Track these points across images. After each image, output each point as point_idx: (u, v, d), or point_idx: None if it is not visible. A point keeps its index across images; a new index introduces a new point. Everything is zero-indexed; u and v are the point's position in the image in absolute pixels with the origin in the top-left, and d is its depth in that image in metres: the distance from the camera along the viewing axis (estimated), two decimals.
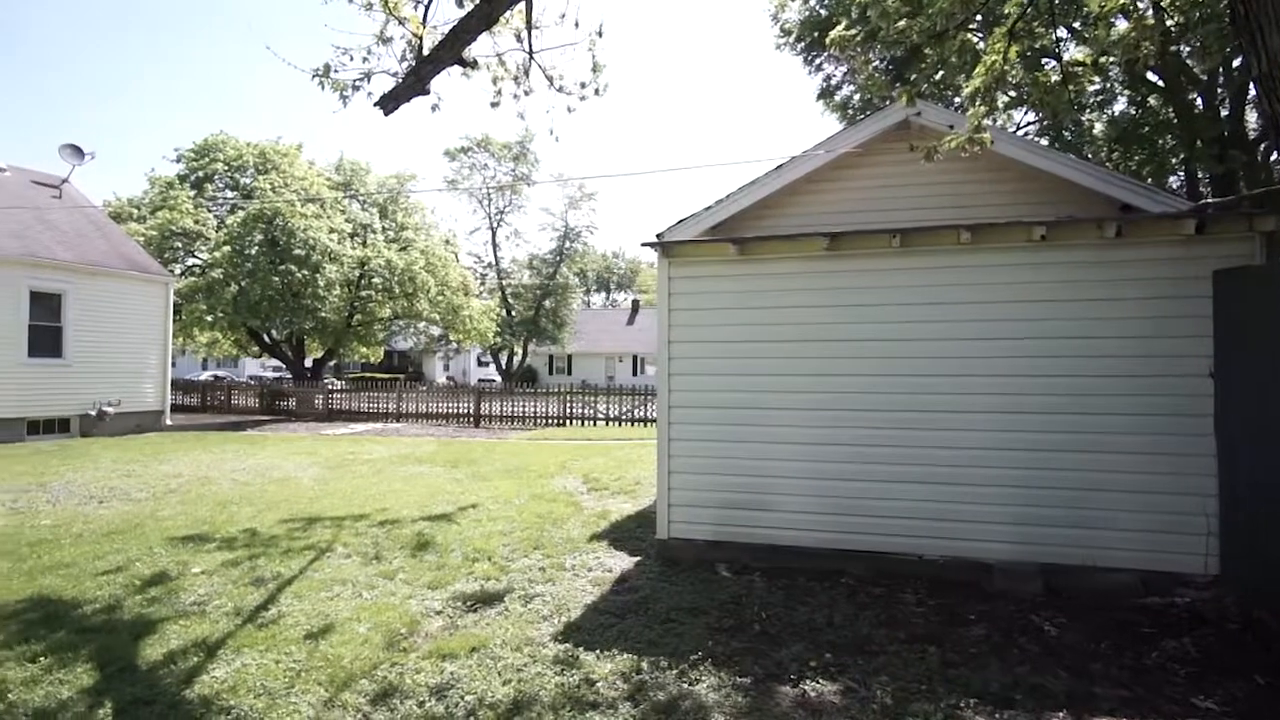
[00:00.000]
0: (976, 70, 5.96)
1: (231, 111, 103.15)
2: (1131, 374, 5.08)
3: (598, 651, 4.10)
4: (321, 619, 4.57)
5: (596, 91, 8.30)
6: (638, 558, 5.98)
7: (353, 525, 7.12)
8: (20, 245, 15.09)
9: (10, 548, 6.23)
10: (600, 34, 7.95)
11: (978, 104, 5.89)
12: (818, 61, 15.87)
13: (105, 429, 15.95)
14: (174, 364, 18.69)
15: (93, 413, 15.85)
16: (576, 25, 7.77)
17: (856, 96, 15.55)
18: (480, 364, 52.68)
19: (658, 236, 6.68)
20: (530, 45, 7.78)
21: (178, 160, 27.54)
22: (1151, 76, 13.65)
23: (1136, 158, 14.74)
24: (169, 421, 17.96)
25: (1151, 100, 14.77)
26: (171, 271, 20.62)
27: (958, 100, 12.94)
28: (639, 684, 3.73)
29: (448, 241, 32.91)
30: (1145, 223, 5.20)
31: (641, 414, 19.13)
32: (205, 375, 39.99)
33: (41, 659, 3.93)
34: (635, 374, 49.00)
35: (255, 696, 3.54)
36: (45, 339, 15.18)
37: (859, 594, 5.10)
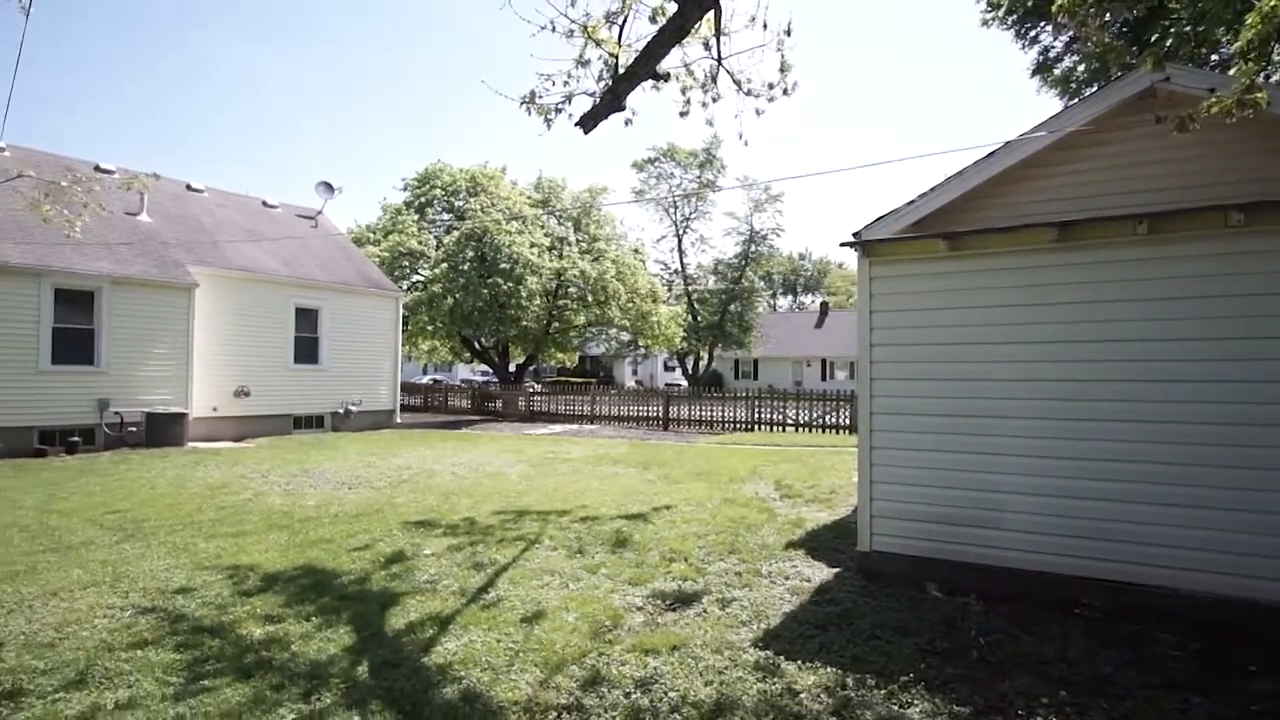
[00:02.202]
0: (1249, 20, 5.04)
1: (446, 139, 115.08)
2: None
3: (799, 662, 4.00)
4: (534, 605, 4.90)
5: (785, 91, 8.15)
6: (837, 569, 5.77)
7: (557, 520, 7.58)
8: (289, 269, 17.89)
9: (286, 523, 7.37)
10: (789, 32, 7.80)
11: (1248, 61, 5.00)
12: (1032, 34, 14.36)
13: (349, 425, 18.41)
14: (400, 369, 21.11)
15: (341, 411, 18.36)
16: (765, 27, 7.68)
17: (1080, 68, 13.85)
18: (667, 368, 53.90)
19: (854, 235, 6.41)
20: (719, 52, 7.83)
21: (404, 189, 31.20)
22: None
23: None
24: (398, 420, 20.32)
25: None
26: (400, 287, 23.32)
27: (1214, 59, 11.11)
28: (844, 700, 3.58)
29: (636, 250, 34.10)
30: None
31: (833, 420, 18.47)
32: (426, 379, 44.72)
33: (313, 619, 4.60)
34: (825, 378, 47.48)
35: (481, 670, 3.88)
36: (306, 348, 17.87)
37: (1098, 628, 4.52)
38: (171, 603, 4.88)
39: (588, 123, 7.44)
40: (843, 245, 6.03)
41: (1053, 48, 14.58)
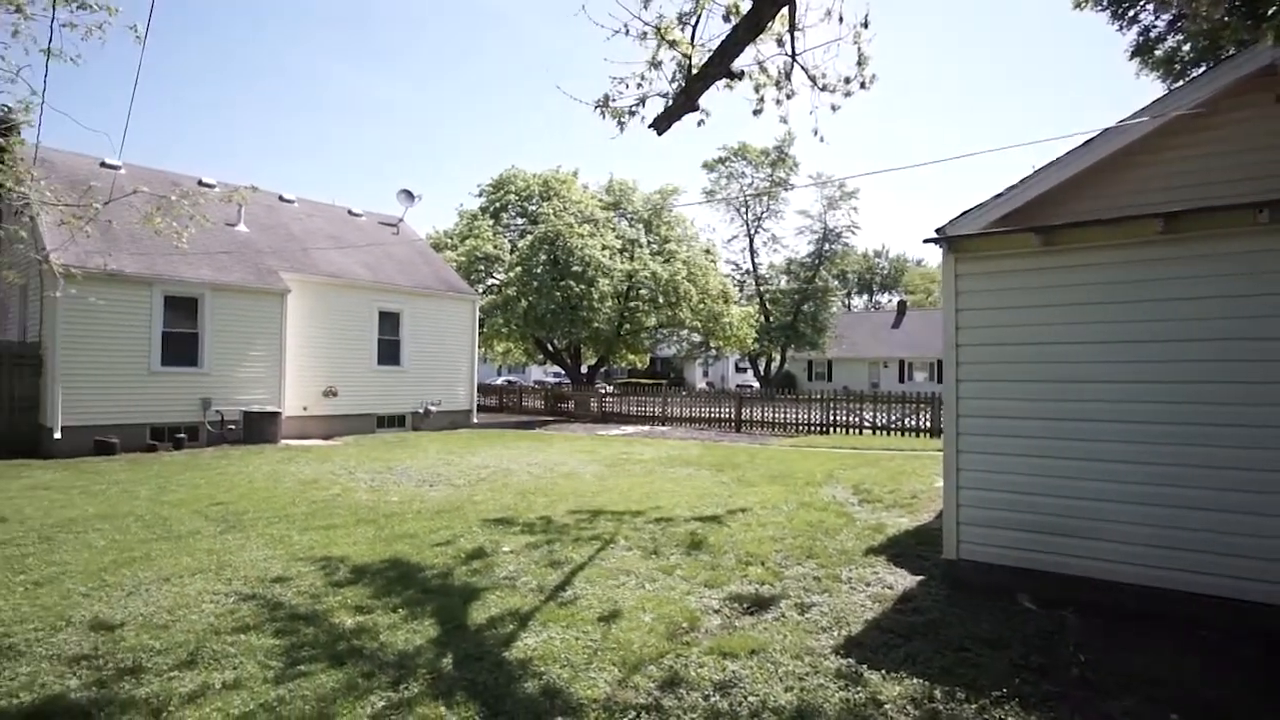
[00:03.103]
0: None
1: (518, 144, 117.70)
2: None
3: (883, 671, 3.88)
4: (610, 604, 4.93)
5: (862, 85, 7.96)
6: (920, 577, 5.57)
7: (631, 520, 7.61)
8: (372, 275, 18.64)
9: (372, 518, 7.67)
10: (865, 24, 7.61)
11: None
12: (1131, 13, 13.51)
13: (429, 424, 19.02)
14: (477, 370, 21.65)
15: (421, 410, 19.00)
16: (840, 20, 7.52)
17: (1186, 47, 12.94)
18: (738, 370, 53.45)
19: (938, 231, 6.19)
20: (793, 47, 7.70)
21: (479, 195, 32.04)
22: None
23: None
24: (475, 420, 20.86)
25: None
26: (476, 291, 23.95)
27: None
28: (932, 713, 3.45)
29: (707, 251, 33.95)
30: None
31: (913, 423, 17.88)
32: (500, 380, 45.81)
33: (400, 610, 4.77)
34: (902, 380, 46.06)
35: (560, 667, 3.92)
36: (388, 350, 18.57)
37: (1213, 648, 4.20)
38: (270, 591, 5.15)
39: (661, 124, 7.45)
40: (926, 242, 5.82)
41: (1154, 27, 13.69)
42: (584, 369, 31.71)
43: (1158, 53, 13.75)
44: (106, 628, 4.40)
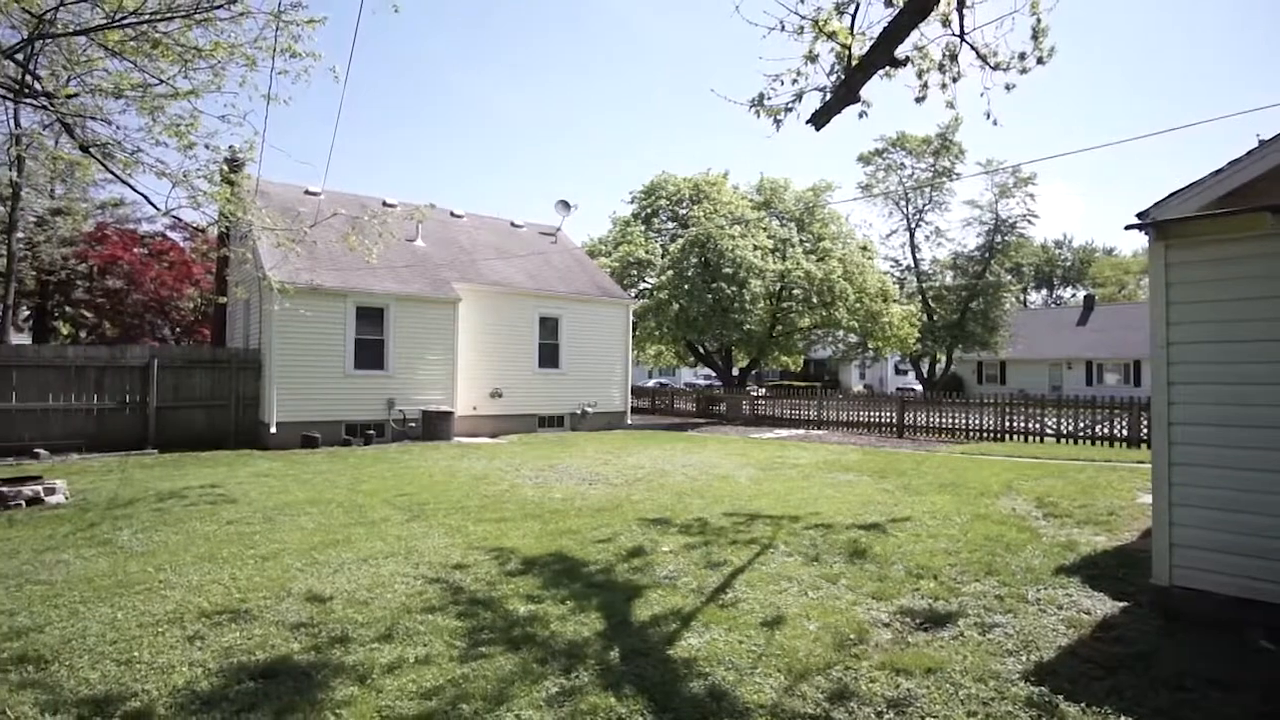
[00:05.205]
0: None
1: (670, 149, 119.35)
2: None
3: (1083, 705, 3.50)
4: (773, 609, 4.84)
5: (1040, 60, 7.34)
6: (1123, 603, 4.98)
7: (789, 525, 7.44)
8: (533, 282, 19.67)
9: (538, 513, 8.07)
10: None
11: None
12: None
13: (585, 425, 19.73)
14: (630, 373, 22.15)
15: (578, 411, 19.76)
16: None
17: None
18: (898, 372, 50.77)
19: (1141, 216, 5.53)
20: (960, 26, 7.22)
21: (631, 201, 32.80)
22: None
23: None
24: (629, 421, 21.37)
25: None
26: (629, 295, 24.53)
27: None
28: None
29: (864, 248, 32.51)
30: None
31: (1105, 430, 16.08)
32: (651, 383, 46.64)
33: (567, 602, 4.97)
34: (1090, 383, 41.59)
35: (725, 669, 3.91)
36: (548, 354, 19.50)
37: None
38: (451, 576, 5.57)
39: (819, 119, 7.25)
40: (1128, 228, 5.21)
41: None
42: (735, 371, 31.48)
43: None
44: (319, 600, 4.96)
